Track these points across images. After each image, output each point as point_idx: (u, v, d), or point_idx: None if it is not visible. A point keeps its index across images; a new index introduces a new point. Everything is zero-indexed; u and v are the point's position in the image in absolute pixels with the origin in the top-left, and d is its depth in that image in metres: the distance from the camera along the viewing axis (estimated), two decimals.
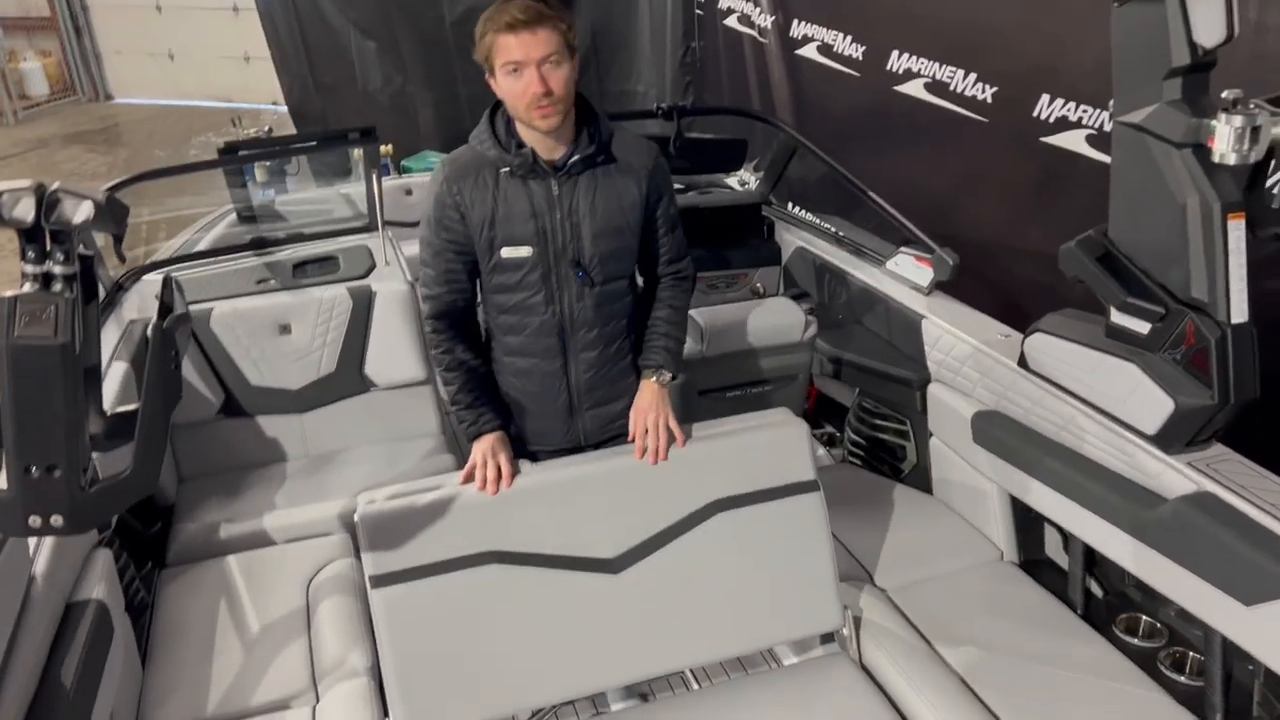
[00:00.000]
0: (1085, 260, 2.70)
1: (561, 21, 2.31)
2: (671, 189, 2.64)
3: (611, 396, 2.71)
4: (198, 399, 3.68)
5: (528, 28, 2.25)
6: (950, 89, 5.03)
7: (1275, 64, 3.33)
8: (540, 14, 2.26)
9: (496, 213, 2.45)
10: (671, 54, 7.78)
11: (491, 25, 2.29)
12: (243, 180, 4.74)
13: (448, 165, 2.50)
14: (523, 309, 2.56)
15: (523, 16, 2.24)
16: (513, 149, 2.43)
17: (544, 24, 2.27)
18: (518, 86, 2.31)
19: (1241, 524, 2.33)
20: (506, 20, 2.25)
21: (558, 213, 2.46)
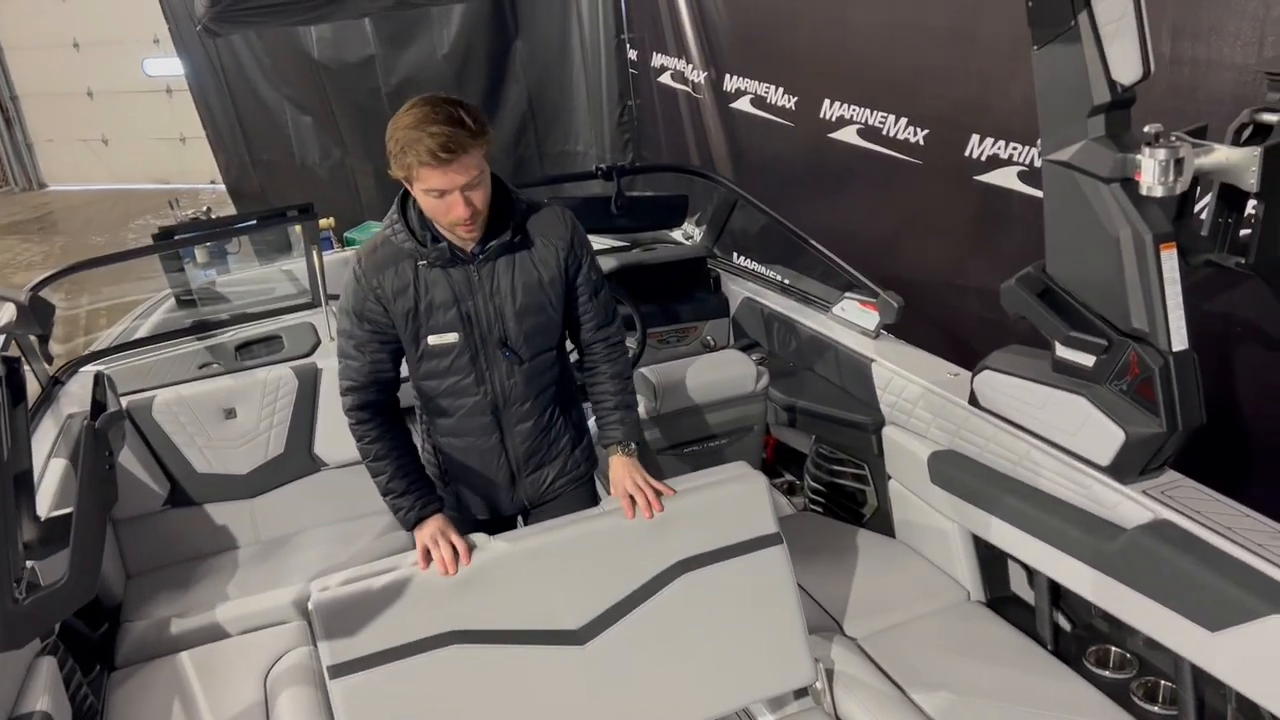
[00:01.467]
0: (1026, 297, 2.74)
1: (483, 138, 2.23)
2: (591, 253, 2.60)
3: (548, 459, 2.73)
4: (142, 491, 3.58)
5: (452, 158, 2.17)
6: (883, 133, 5.13)
7: (1191, 96, 3.43)
8: (462, 142, 2.17)
9: (419, 304, 2.43)
10: (609, 113, 7.87)
11: (412, 152, 2.17)
12: (180, 264, 4.67)
13: (364, 259, 2.45)
14: (454, 392, 2.56)
15: (445, 153, 2.15)
16: (429, 242, 2.39)
17: (466, 152, 2.19)
18: (440, 206, 2.27)
19: (1200, 550, 2.34)
20: (428, 150, 2.15)
21: (480, 296, 2.45)
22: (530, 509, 2.81)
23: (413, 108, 2.21)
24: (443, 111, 2.17)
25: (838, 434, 3.68)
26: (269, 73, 8.21)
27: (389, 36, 7.72)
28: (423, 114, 2.17)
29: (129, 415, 3.57)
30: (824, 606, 3.13)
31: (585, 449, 2.84)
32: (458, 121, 2.17)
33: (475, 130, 2.20)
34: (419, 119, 2.17)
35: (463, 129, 2.17)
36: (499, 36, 7.88)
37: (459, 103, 2.22)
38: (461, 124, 2.17)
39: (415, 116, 2.18)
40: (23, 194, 14.33)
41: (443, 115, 2.16)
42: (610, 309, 2.68)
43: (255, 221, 4.50)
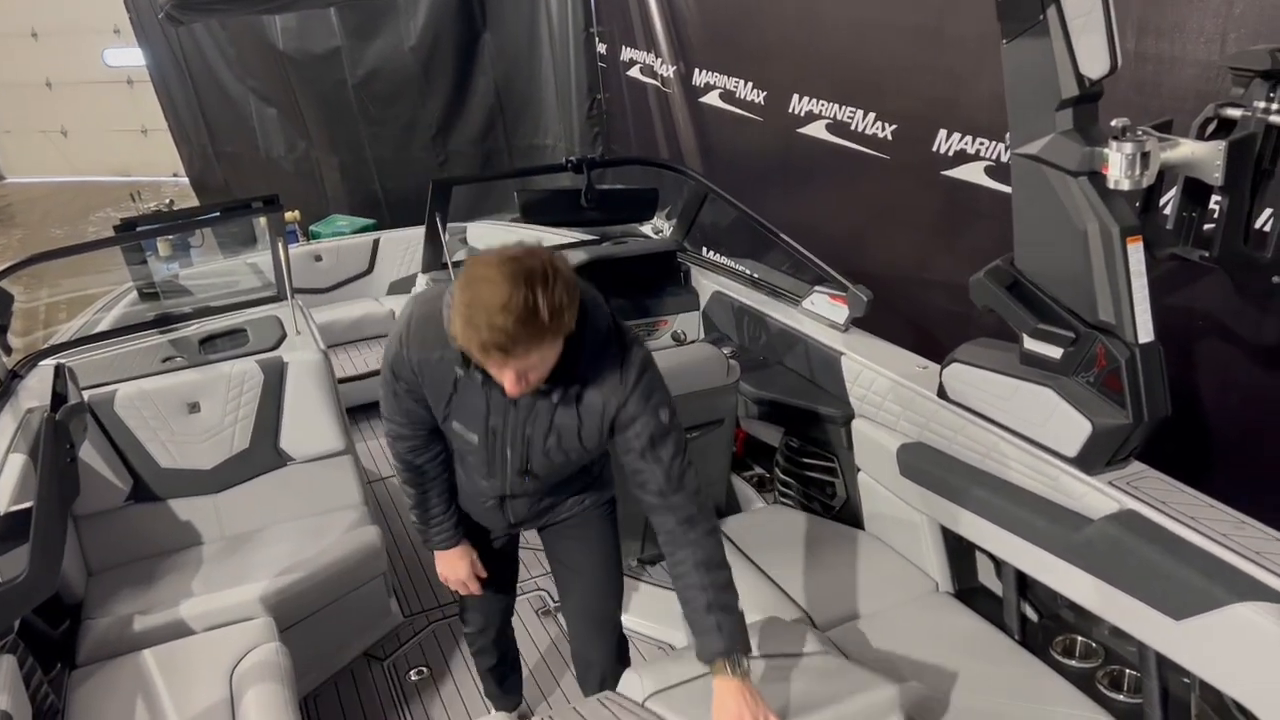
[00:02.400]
0: (995, 290, 2.76)
1: (558, 332, 1.91)
2: (655, 412, 2.16)
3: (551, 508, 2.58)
4: (104, 486, 3.52)
5: (503, 356, 1.89)
6: (851, 129, 5.15)
7: (1156, 92, 3.47)
8: (529, 341, 1.87)
9: (452, 400, 2.23)
10: (578, 107, 7.86)
11: (473, 335, 1.87)
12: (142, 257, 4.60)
13: (412, 332, 2.23)
14: (467, 460, 2.46)
15: (498, 354, 1.87)
16: (475, 374, 2.14)
17: (534, 349, 1.90)
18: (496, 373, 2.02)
19: (1165, 540, 2.37)
20: (487, 343, 1.86)
21: (510, 421, 2.22)
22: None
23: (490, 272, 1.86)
24: (519, 296, 1.82)
25: (807, 427, 3.69)
26: (233, 64, 8.10)
27: (355, 28, 7.64)
28: (494, 292, 1.83)
29: (90, 409, 3.50)
30: (794, 599, 3.14)
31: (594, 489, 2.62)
32: (532, 313, 1.83)
33: (548, 326, 1.87)
34: (488, 297, 1.83)
35: (534, 323, 1.84)
36: (467, 29, 7.83)
37: (543, 279, 1.85)
38: (534, 317, 1.84)
39: (488, 291, 1.84)
40: None
41: (517, 303, 1.82)
42: (681, 477, 2.19)
43: (219, 213, 4.44)
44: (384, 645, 3.77)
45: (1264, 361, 3.26)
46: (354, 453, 3.94)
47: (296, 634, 3.29)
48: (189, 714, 2.79)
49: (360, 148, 8.05)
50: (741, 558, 3.36)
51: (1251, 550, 2.26)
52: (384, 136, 7.99)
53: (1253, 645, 2.13)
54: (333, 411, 3.80)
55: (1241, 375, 3.33)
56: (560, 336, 1.94)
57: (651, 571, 3.70)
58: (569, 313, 1.91)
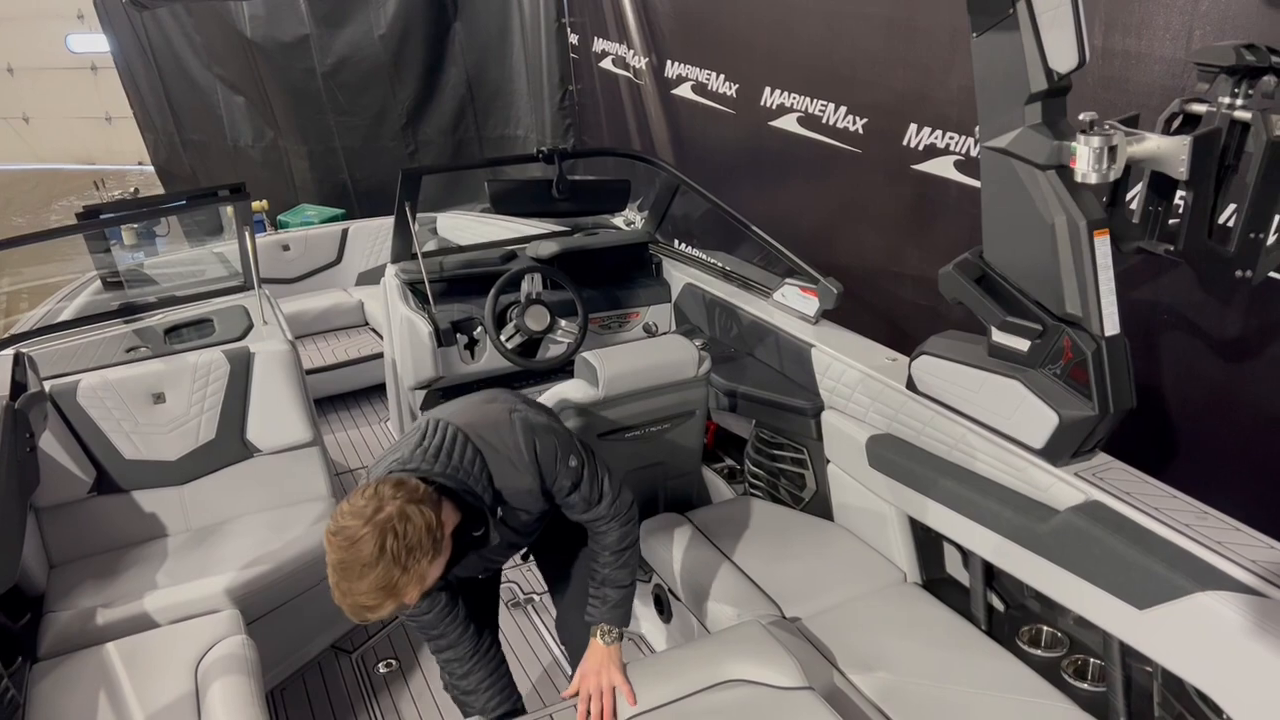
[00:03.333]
0: (963, 282, 2.77)
1: (416, 573, 2.03)
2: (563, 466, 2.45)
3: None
4: (66, 478, 3.47)
5: (378, 609, 2.01)
6: (823, 122, 5.16)
7: (1122, 88, 3.50)
8: (391, 586, 1.99)
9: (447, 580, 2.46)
10: (550, 98, 7.82)
11: (344, 606, 2.02)
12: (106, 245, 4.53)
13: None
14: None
15: (370, 610, 2.00)
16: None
17: (401, 589, 2.01)
18: None
19: (1130, 530, 2.40)
20: (353, 610, 2.01)
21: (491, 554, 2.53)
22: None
23: (333, 542, 2.01)
24: (366, 563, 1.96)
25: (778, 418, 3.70)
26: (199, 51, 7.99)
27: (324, 16, 7.56)
28: (342, 561, 1.98)
29: (52, 399, 3.45)
30: (764, 589, 3.15)
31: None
32: (383, 581, 1.98)
33: (408, 565, 2.00)
34: (338, 566, 1.99)
35: (387, 588, 1.99)
36: (438, 18, 7.77)
37: (392, 528, 1.99)
38: (388, 582, 1.98)
39: (336, 560, 2.00)
40: None
41: (363, 575, 1.97)
42: (597, 490, 2.53)
43: (185, 201, 4.38)
44: (352, 638, 3.74)
45: (1227, 354, 3.30)
46: (321, 444, 3.91)
47: (263, 626, 3.27)
48: (153, 708, 2.76)
49: (329, 137, 7.97)
50: (712, 549, 3.37)
51: (1213, 540, 2.30)
52: (353, 126, 7.91)
53: (1214, 634, 2.16)
54: (300, 402, 3.77)
55: (1205, 367, 3.37)
56: (426, 560, 2.03)
57: None
58: (429, 556, 2.03)
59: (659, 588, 3.52)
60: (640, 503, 3.73)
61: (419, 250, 4.36)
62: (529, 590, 3.93)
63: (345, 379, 5.61)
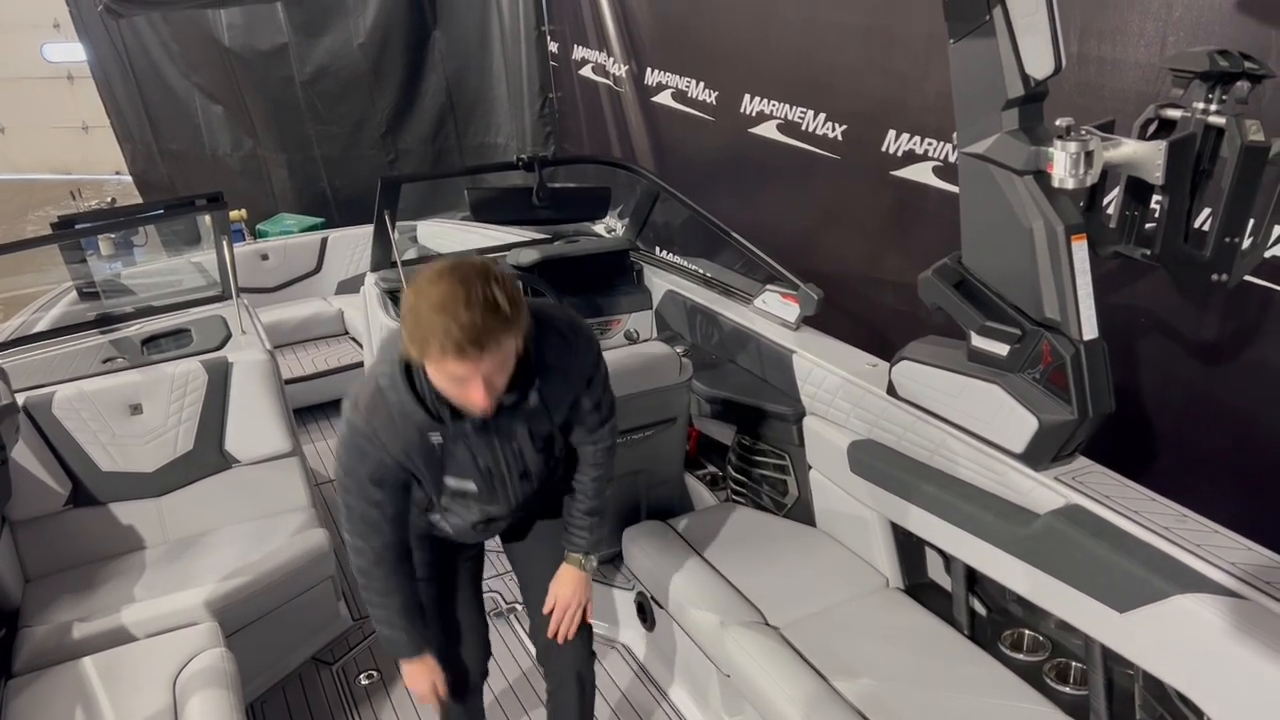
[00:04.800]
0: (943, 288, 2.78)
1: (518, 324, 1.96)
2: (605, 375, 2.46)
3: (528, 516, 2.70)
4: (41, 490, 3.43)
5: (479, 351, 1.90)
6: (802, 129, 5.17)
7: (1098, 93, 3.52)
8: (496, 334, 1.90)
9: (444, 467, 2.29)
10: (530, 106, 7.81)
11: (435, 341, 1.89)
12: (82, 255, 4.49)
13: (370, 421, 2.18)
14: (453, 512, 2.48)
15: (474, 347, 1.88)
16: (446, 417, 2.16)
17: (498, 345, 1.93)
18: (456, 390, 2.04)
19: (1110, 534, 2.41)
20: (455, 344, 1.88)
21: (497, 450, 2.32)
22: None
23: (440, 280, 1.91)
24: (475, 292, 1.88)
25: (760, 425, 3.70)
26: (177, 60, 7.93)
27: (302, 24, 7.53)
28: (452, 294, 1.88)
29: (27, 412, 3.41)
30: (747, 596, 3.14)
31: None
32: (492, 307, 1.89)
33: (510, 317, 1.92)
34: (446, 299, 1.88)
35: (497, 316, 1.90)
36: (417, 26, 7.75)
37: (494, 277, 1.92)
38: (496, 310, 1.89)
39: (443, 294, 1.89)
40: None
41: (476, 299, 1.87)
42: (609, 411, 2.54)
43: (162, 211, 4.35)
44: (333, 649, 3.72)
45: (1204, 357, 3.32)
46: (301, 454, 3.88)
47: (243, 639, 3.24)
48: None
49: (308, 146, 7.93)
50: (694, 556, 3.36)
51: (1192, 543, 2.31)
52: (333, 134, 7.88)
53: (1193, 636, 2.17)
54: (279, 412, 3.74)
55: (1183, 370, 3.39)
56: (519, 329, 1.98)
57: (604, 571, 3.68)
58: (523, 305, 1.98)
59: (641, 595, 3.51)
60: (622, 511, 3.75)
61: (399, 259, 4.34)
62: (511, 600, 3.92)
63: (325, 388, 5.58)
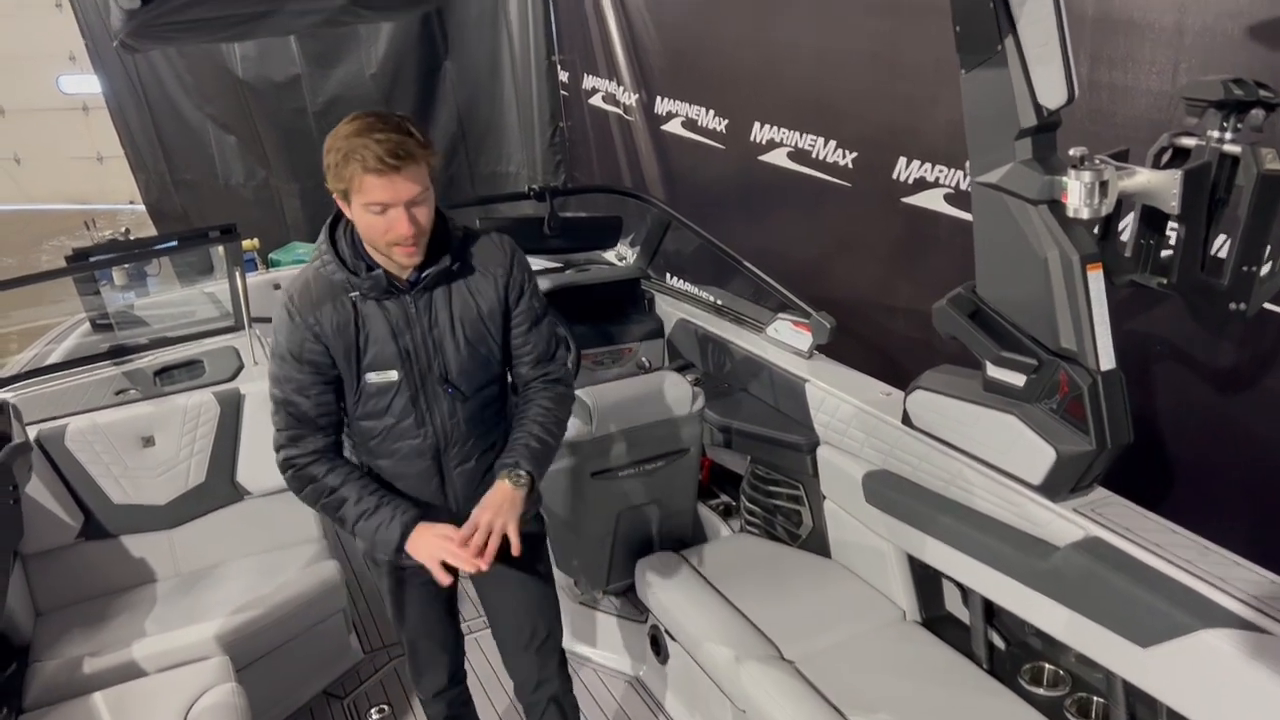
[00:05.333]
0: (958, 317, 2.76)
1: (429, 153, 2.15)
2: (534, 282, 2.48)
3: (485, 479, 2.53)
4: (53, 523, 3.43)
5: (398, 169, 2.07)
6: (812, 156, 5.17)
7: (1109, 120, 3.51)
8: (410, 152, 2.09)
9: (359, 339, 2.29)
10: (540, 135, 7.84)
11: (356, 161, 2.08)
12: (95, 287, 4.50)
13: (297, 297, 2.31)
14: (394, 434, 2.40)
15: (391, 159, 2.06)
16: (363, 272, 2.27)
17: (414, 162, 2.10)
18: (380, 224, 2.15)
19: (1131, 567, 2.37)
20: (374, 160, 2.06)
21: (418, 330, 2.32)
22: None
23: (355, 119, 2.13)
24: (389, 121, 2.10)
25: (773, 454, 3.67)
26: (191, 91, 8.00)
27: (315, 55, 7.58)
28: (367, 123, 2.10)
29: (39, 444, 3.41)
30: (761, 629, 3.11)
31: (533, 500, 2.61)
32: (404, 131, 2.10)
33: (422, 141, 2.12)
34: (363, 128, 2.09)
35: (411, 139, 2.09)
36: (429, 56, 7.80)
37: (405, 116, 2.16)
38: (409, 134, 2.10)
39: (358, 126, 2.10)
40: None
41: (390, 124, 2.09)
42: (552, 344, 2.54)
43: (176, 243, 4.36)
44: (344, 683, 3.69)
45: (1223, 386, 3.29)
46: None
47: (253, 673, 3.22)
48: None
49: (320, 175, 7.95)
50: (708, 588, 3.33)
51: (1215, 576, 2.27)
52: None
53: (1218, 672, 2.13)
54: None
55: (1201, 399, 3.36)
56: (430, 164, 2.15)
57: (614, 602, 3.66)
58: (432, 145, 2.17)
59: (655, 628, 3.48)
60: (635, 542, 3.72)
61: None
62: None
63: None
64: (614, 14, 6.81)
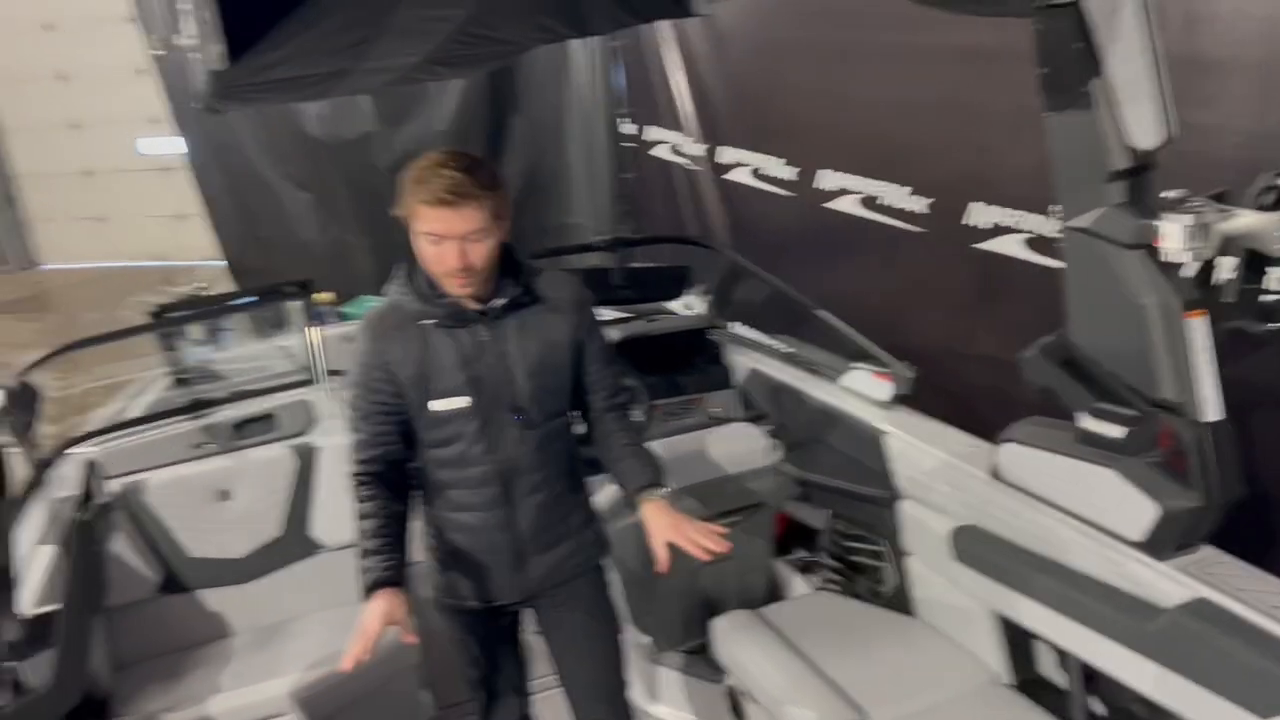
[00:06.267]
0: (1049, 367, 2.66)
1: (490, 196, 2.25)
2: (597, 321, 2.60)
3: (560, 537, 2.61)
4: (133, 578, 3.46)
5: (452, 205, 2.19)
6: (881, 203, 5.11)
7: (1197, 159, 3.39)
8: (468, 192, 2.20)
9: (426, 367, 2.39)
10: (607, 187, 7.90)
11: (416, 193, 2.22)
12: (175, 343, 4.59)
13: (373, 325, 2.45)
14: (461, 461, 2.46)
15: (448, 195, 2.18)
16: (434, 300, 2.39)
17: (470, 202, 2.21)
18: (434, 253, 2.28)
19: (1246, 631, 2.23)
20: (430, 194, 2.19)
21: (489, 357, 2.41)
22: (535, 596, 2.66)
23: (433, 153, 2.26)
24: (459, 159, 2.22)
25: (853, 509, 3.57)
26: (267, 150, 8.24)
27: (386, 114, 7.76)
28: (439, 159, 2.22)
29: (122, 499, 3.46)
30: (846, 692, 2.99)
31: (597, 530, 2.74)
32: (468, 170, 2.20)
33: (485, 183, 2.23)
34: (434, 161, 2.22)
35: (473, 179, 2.20)
36: (496, 112, 7.94)
37: (477, 158, 2.28)
38: (473, 173, 2.21)
39: (432, 159, 2.23)
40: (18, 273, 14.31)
41: (457, 163, 2.21)
42: (618, 384, 2.67)
43: (255, 299, 4.44)
44: None
45: None
46: None
47: None
48: None
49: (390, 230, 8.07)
50: (787, 648, 3.22)
51: None
52: None
53: None
54: None
55: None
56: (494, 206, 2.24)
57: (688, 661, 3.56)
58: (503, 193, 2.28)
59: (733, 690, 3.37)
60: (711, 600, 3.63)
61: None
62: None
63: None
64: (680, 67, 6.86)
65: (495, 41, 3.07)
